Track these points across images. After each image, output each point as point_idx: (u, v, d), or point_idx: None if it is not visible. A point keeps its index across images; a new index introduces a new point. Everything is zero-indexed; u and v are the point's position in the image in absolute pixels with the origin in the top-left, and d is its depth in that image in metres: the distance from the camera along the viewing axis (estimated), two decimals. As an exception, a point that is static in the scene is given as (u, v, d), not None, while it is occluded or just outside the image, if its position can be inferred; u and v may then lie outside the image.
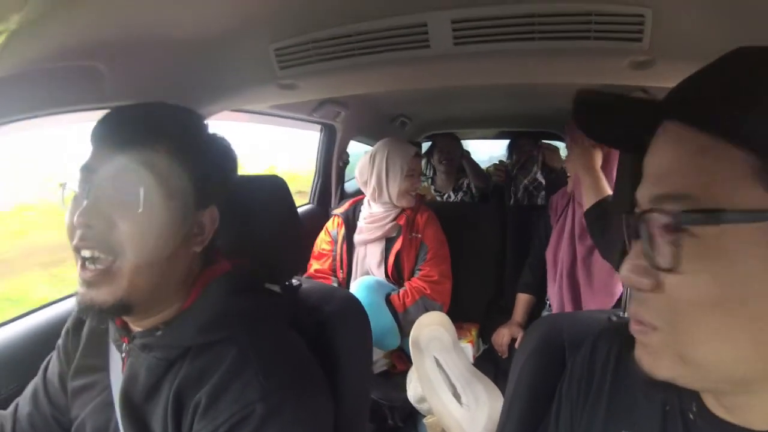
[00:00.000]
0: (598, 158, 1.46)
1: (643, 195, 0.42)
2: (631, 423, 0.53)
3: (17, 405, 0.81)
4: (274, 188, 0.92)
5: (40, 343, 0.94)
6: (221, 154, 0.72)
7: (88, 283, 0.61)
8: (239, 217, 0.82)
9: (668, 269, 0.38)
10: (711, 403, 0.46)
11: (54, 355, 0.82)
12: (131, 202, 0.59)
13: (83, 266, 0.61)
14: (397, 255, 1.76)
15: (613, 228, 0.95)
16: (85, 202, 0.60)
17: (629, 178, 0.76)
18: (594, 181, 1.42)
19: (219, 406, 0.60)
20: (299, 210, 2.29)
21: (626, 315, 0.78)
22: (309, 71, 1.07)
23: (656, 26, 0.87)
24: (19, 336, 1.00)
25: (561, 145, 2.94)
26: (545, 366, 0.76)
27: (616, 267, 0.52)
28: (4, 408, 0.82)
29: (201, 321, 0.66)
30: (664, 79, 1.21)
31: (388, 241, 1.78)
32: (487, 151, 4.74)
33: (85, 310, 0.62)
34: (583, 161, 1.46)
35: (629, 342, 0.57)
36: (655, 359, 0.42)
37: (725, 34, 0.83)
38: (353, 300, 0.97)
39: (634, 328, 0.44)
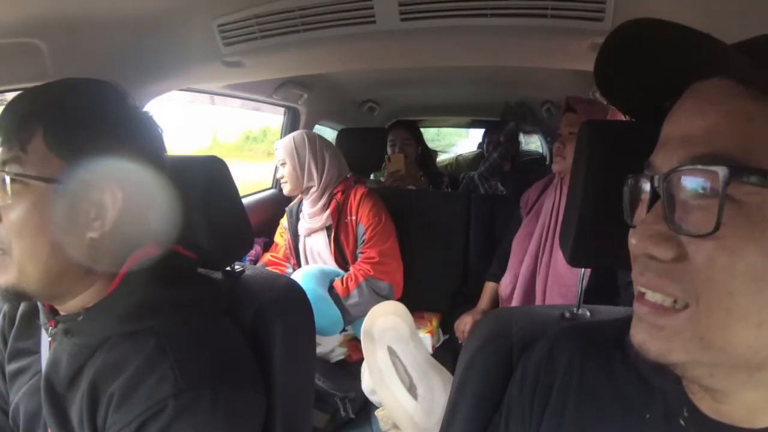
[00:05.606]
0: None
1: (668, 157, 0.38)
2: None
3: None
4: (214, 170, 0.87)
5: None
6: (126, 132, 0.64)
7: None
8: (173, 200, 0.78)
9: (705, 234, 0.34)
10: (706, 405, 0.43)
11: None
12: (4, 193, 0.58)
13: None
14: (337, 241, 1.76)
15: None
16: None
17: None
18: None
19: (132, 401, 0.57)
20: (261, 195, 2.26)
21: (579, 312, 0.75)
22: (254, 48, 1.03)
23: (619, 5, 0.84)
24: None
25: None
26: (491, 363, 0.73)
27: None
28: None
29: (121, 310, 0.62)
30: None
31: (329, 229, 1.78)
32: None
33: None
34: None
35: (596, 346, 0.54)
36: (670, 342, 0.37)
37: (690, 15, 0.79)
38: (295, 287, 0.93)
39: (645, 311, 0.39)
